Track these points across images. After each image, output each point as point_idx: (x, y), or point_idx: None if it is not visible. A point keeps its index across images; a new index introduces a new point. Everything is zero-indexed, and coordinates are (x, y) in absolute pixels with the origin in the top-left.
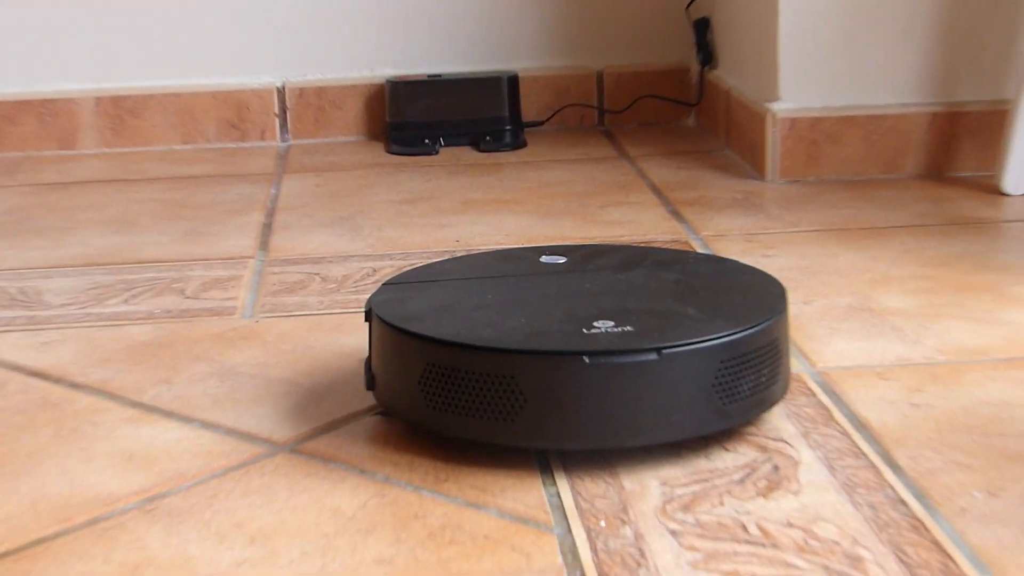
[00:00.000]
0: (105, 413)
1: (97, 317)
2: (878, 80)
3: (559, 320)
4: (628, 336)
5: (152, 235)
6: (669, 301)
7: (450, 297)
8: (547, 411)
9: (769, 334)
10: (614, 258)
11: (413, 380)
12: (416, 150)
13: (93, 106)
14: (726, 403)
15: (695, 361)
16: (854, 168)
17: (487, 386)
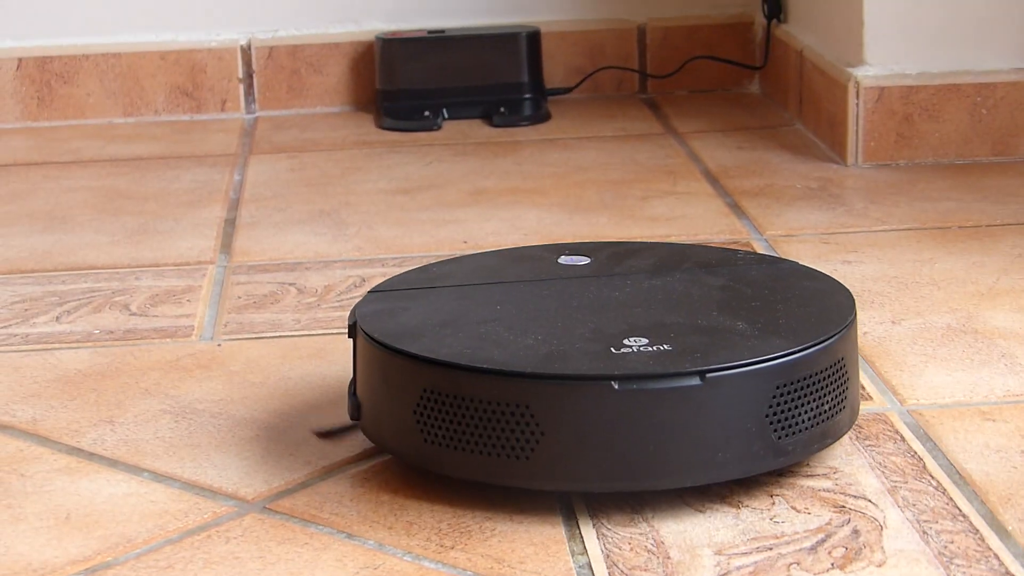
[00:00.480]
0: (35, 462)
1: (23, 339)
2: (987, 40)
3: (583, 337)
4: (665, 356)
5: (88, 234)
6: (714, 313)
7: (451, 308)
8: (568, 447)
9: (834, 353)
10: (647, 259)
11: (407, 409)
12: (414, 124)
13: (13, 69)
14: (782, 437)
15: (745, 387)
16: (956, 149)
17: (496, 417)
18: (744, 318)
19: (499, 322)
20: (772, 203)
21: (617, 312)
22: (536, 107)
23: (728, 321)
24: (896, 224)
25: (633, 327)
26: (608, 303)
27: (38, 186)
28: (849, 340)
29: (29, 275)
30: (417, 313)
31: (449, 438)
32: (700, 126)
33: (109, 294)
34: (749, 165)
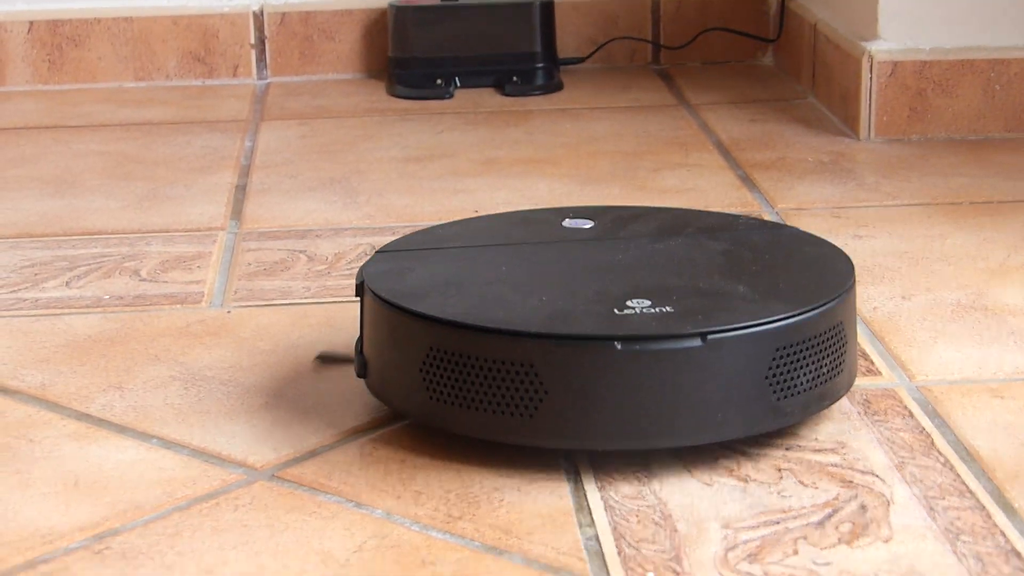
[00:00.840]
0: (44, 427)
1: (32, 304)
2: (1001, 16)
3: (586, 298)
4: (667, 318)
5: (99, 198)
6: (716, 277)
7: (457, 269)
8: (571, 405)
9: (832, 317)
10: (650, 223)
11: (413, 367)
12: (426, 93)
13: (24, 32)
14: (781, 398)
15: (746, 348)
16: (969, 125)
17: (501, 376)
18: (745, 282)
19: (504, 283)
20: (784, 176)
21: (620, 274)
22: (548, 77)
23: (729, 285)
24: (907, 199)
25: (636, 289)
26: (612, 265)
27: (48, 150)
28: (848, 304)
29: (39, 239)
30: (423, 273)
31: (454, 396)
32: (713, 98)
33: (119, 259)
34: (761, 138)
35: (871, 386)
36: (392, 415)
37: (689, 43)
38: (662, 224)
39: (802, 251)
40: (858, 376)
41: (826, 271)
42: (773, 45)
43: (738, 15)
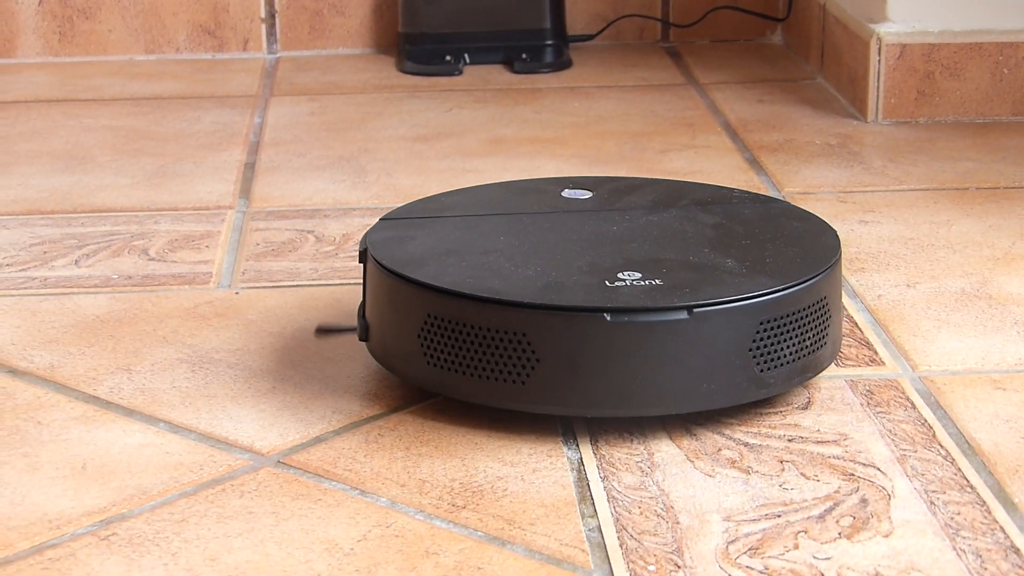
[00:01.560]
0: (52, 409)
1: (41, 283)
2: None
3: (579, 270)
4: (656, 291)
5: (108, 175)
6: (706, 251)
7: (457, 238)
8: (562, 374)
9: (817, 292)
10: (647, 195)
11: (411, 333)
12: (435, 69)
13: (36, 4)
14: (765, 370)
15: (731, 321)
16: (977, 108)
17: (495, 343)
18: (734, 255)
19: (501, 253)
20: (791, 159)
21: (614, 246)
22: (558, 54)
23: (718, 258)
24: (914, 184)
25: (628, 261)
26: (606, 237)
27: (58, 124)
28: (832, 279)
29: (48, 216)
30: (424, 241)
31: (450, 362)
32: (721, 77)
33: (128, 238)
34: (769, 119)
35: (874, 376)
36: (397, 403)
37: (698, 21)
38: (658, 196)
39: (791, 225)
40: (861, 366)
41: (813, 246)
42: (782, 24)
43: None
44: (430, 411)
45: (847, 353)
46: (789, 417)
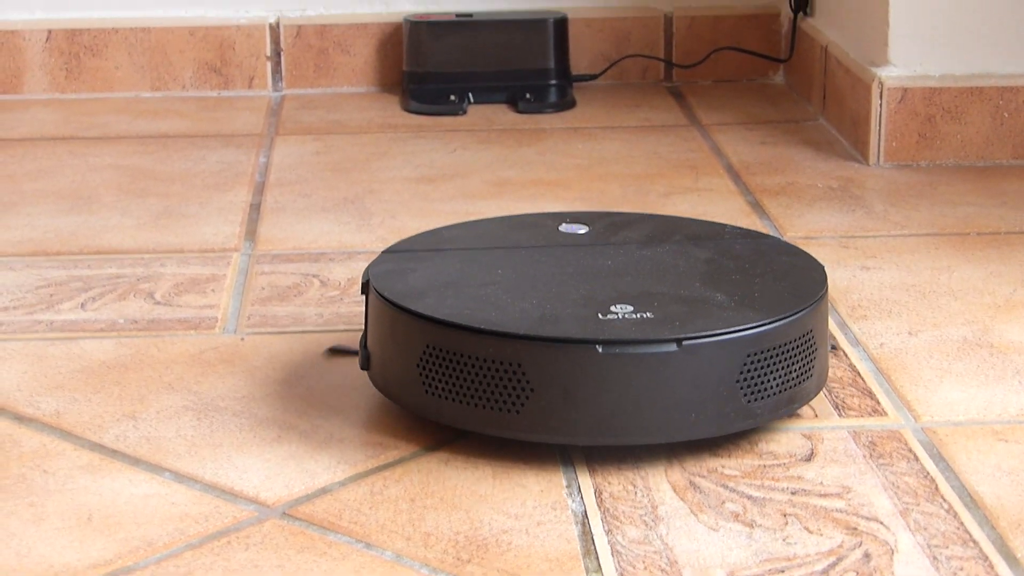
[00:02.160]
0: (59, 457)
1: (48, 326)
2: (1011, 44)
3: (574, 303)
4: (647, 324)
5: (114, 215)
6: (696, 285)
7: (456, 271)
8: (555, 403)
9: (802, 325)
10: (642, 230)
11: (411, 363)
12: (439, 108)
13: (43, 41)
14: (751, 401)
15: (719, 354)
16: (978, 151)
17: (491, 373)
18: (723, 290)
19: (498, 285)
20: (793, 202)
21: (608, 280)
22: (562, 94)
23: (708, 292)
24: (915, 229)
25: (621, 295)
26: (601, 271)
27: (64, 162)
28: (818, 313)
29: (55, 257)
30: (424, 274)
31: (448, 390)
32: (724, 118)
33: (134, 280)
34: (772, 161)
35: (877, 427)
36: (402, 453)
37: (701, 62)
38: (652, 231)
39: (780, 260)
40: (864, 416)
41: (800, 281)
42: (784, 65)
43: (750, 34)
44: (435, 461)
45: (850, 403)
46: (792, 469)
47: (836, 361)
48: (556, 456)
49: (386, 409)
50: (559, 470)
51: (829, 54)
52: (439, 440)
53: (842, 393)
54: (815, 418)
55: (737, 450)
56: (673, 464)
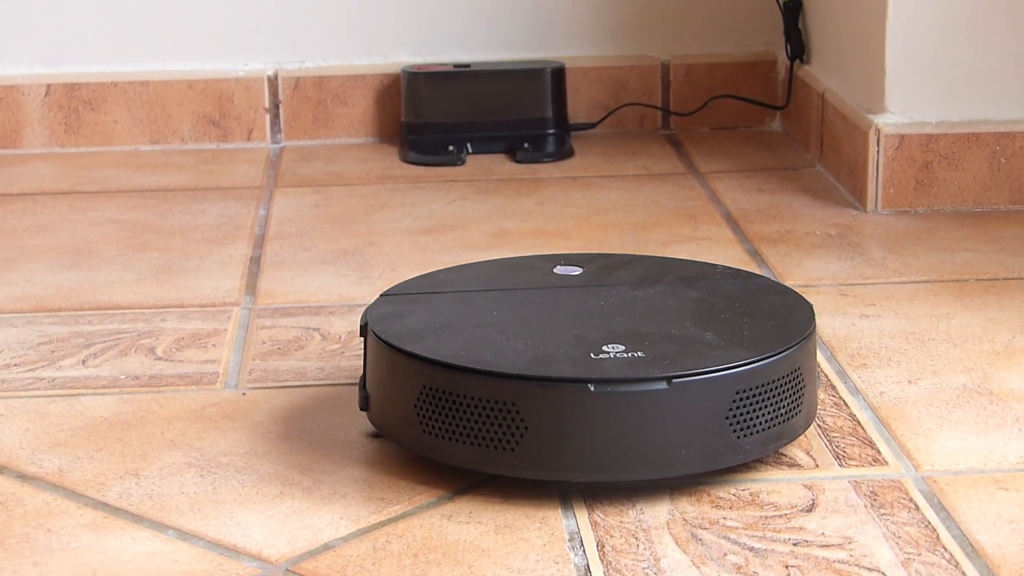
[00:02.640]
0: (62, 516)
1: (50, 383)
2: (1007, 90)
3: (566, 343)
4: (637, 363)
5: (115, 270)
6: (687, 324)
7: (452, 313)
8: (549, 441)
9: (790, 363)
10: (634, 271)
11: (408, 402)
12: (438, 159)
13: (42, 95)
14: (741, 436)
15: (708, 391)
16: (976, 197)
17: (486, 412)
18: (713, 329)
19: (493, 327)
20: (792, 251)
21: (600, 320)
22: (560, 143)
23: (698, 332)
24: (914, 276)
25: (613, 335)
26: (593, 312)
27: (64, 217)
28: (806, 351)
29: (56, 314)
30: (421, 316)
31: (445, 429)
32: (722, 166)
33: (135, 336)
34: (770, 209)
35: (877, 476)
36: (404, 507)
37: (699, 110)
38: (644, 272)
39: (769, 300)
40: (865, 466)
41: (789, 319)
42: (781, 112)
43: (747, 81)
44: (437, 516)
45: (851, 453)
46: (794, 520)
47: (836, 411)
48: (558, 508)
49: (388, 464)
50: (561, 523)
51: (826, 101)
52: (441, 495)
53: (843, 443)
54: (816, 468)
55: (739, 501)
56: (675, 516)
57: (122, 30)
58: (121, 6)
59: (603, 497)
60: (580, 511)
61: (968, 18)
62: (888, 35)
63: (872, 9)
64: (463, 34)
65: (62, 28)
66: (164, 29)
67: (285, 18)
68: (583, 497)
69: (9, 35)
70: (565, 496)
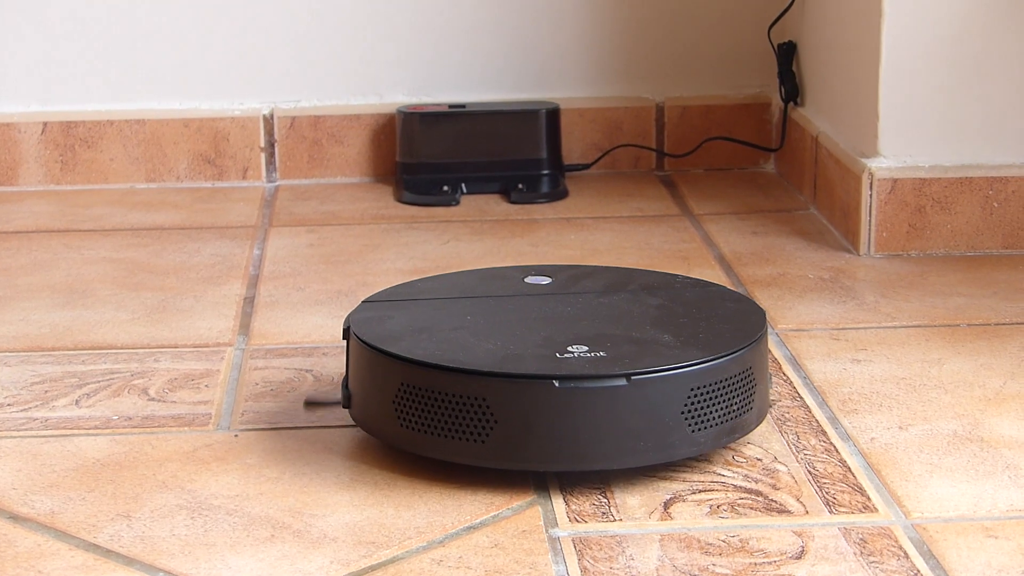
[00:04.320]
0: (53, 558)
1: (42, 424)
2: (1000, 135)
3: (534, 344)
4: (599, 361)
5: (109, 310)
6: (647, 327)
7: (429, 317)
8: (517, 433)
9: (742, 362)
10: (600, 280)
11: (387, 399)
12: (433, 199)
13: (38, 133)
14: (695, 430)
15: (665, 388)
16: (968, 241)
17: (459, 407)
18: (671, 331)
19: (467, 330)
20: (784, 294)
21: (567, 324)
22: (554, 184)
23: (657, 334)
24: (906, 320)
25: (578, 337)
26: (560, 317)
27: (59, 255)
28: (758, 352)
29: (49, 353)
30: (400, 321)
31: (421, 423)
32: (715, 208)
33: (128, 376)
34: (763, 252)
35: (867, 523)
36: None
37: (693, 151)
38: (610, 281)
39: (725, 306)
40: (855, 512)
41: (742, 323)
42: (775, 154)
43: (741, 123)
44: (427, 560)
45: (840, 499)
46: (783, 567)
47: (827, 456)
48: (548, 554)
49: (379, 508)
50: (551, 569)
51: (820, 144)
52: (431, 540)
53: (832, 489)
54: (806, 514)
55: (728, 547)
56: (664, 562)
57: (119, 68)
58: (118, 45)
59: (593, 543)
60: (570, 556)
61: (961, 63)
62: (882, 79)
63: (866, 53)
64: (459, 74)
65: (59, 66)
66: (160, 68)
67: (281, 57)
68: (573, 543)
69: (6, 72)
70: (555, 541)
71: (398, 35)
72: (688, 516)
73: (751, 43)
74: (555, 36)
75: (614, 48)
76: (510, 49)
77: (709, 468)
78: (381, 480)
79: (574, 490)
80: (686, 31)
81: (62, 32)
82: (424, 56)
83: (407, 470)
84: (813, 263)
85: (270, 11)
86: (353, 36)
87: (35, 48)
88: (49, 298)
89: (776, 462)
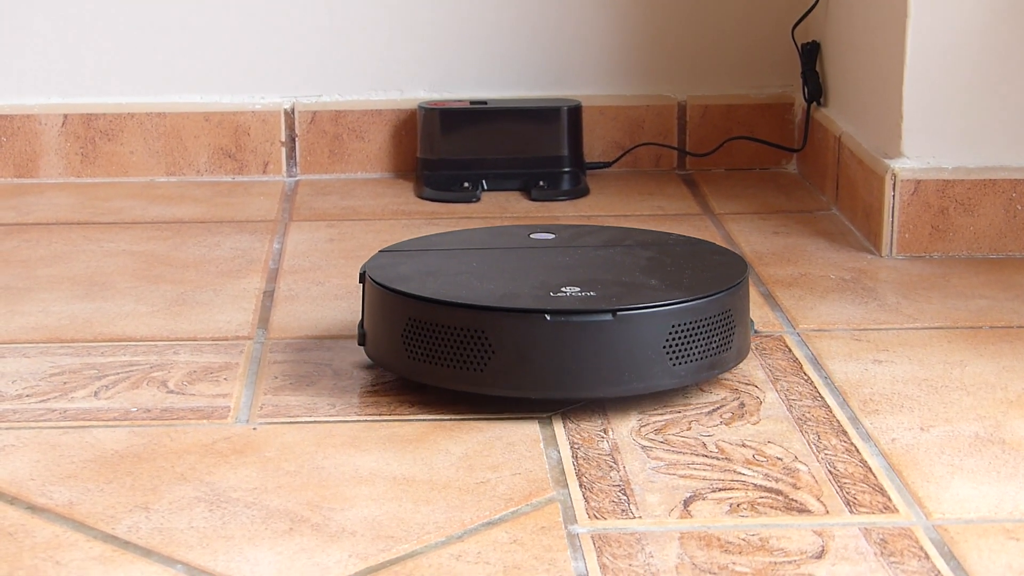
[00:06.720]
0: (71, 549)
1: (61, 415)
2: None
3: (531, 286)
4: (589, 299)
5: (128, 302)
6: (637, 274)
7: (438, 264)
8: (512, 363)
9: (721, 304)
10: (600, 237)
11: (396, 334)
12: (453, 196)
13: (59, 125)
14: (676, 364)
15: (647, 323)
16: (991, 243)
17: (460, 339)
18: (658, 277)
19: (471, 274)
20: (806, 294)
21: (563, 271)
22: (575, 181)
23: (645, 279)
24: (928, 322)
25: (572, 280)
26: (559, 265)
27: (79, 248)
28: (737, 296)
29: (68, 344)
30: (411, 266)
31: (426, 355)
32: (737, 207)
33: (147, 368)
34: (784, 252)
35: (888, 524)
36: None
37: (715, 150)
38: (609, 237)
39: (712, 259)
40: (875, 513)
41: (724, 272)
42: (797, 154)
43: (763, 123)
44: (445, 555)
45: (861, 500)
46: (803, 566)
47: (848, 456)
48: (567, 550)
49: (398, 502)
50: (570, 565)
51: (843, 144)
52: (450, 534)
53: (853, 489)
54: (826, 514)
55: (748, 546)
56: (684, 560)
57: (139, 62)
58: (139, 38)
59: (612, 540)
60: (589, 553)
61: (986, 65)
62: (906, 80)
63: (890, 54)
64: (480, 71)
65: (80, 59)
66: (181, 61)
67: (302, 52)
68: (592, 539)
69: (27, 65)
70: (574, 538)
71: (420, 31)
72: (708, 514)
73: (774, 43)
74: (577, 33)
75: (636, 46)
76: (532, 46)
77: (729, 466)
78: (400, 474)
79: (594, 487)
80: (709, 30)
81: (83, 25)
82: (445, 52)
83: (426, 465)
84: (835, 264)
85: (292, 6)
86: (375, 32)
87: (56, 40)
88: (69, 290)
89: (797, 461)
